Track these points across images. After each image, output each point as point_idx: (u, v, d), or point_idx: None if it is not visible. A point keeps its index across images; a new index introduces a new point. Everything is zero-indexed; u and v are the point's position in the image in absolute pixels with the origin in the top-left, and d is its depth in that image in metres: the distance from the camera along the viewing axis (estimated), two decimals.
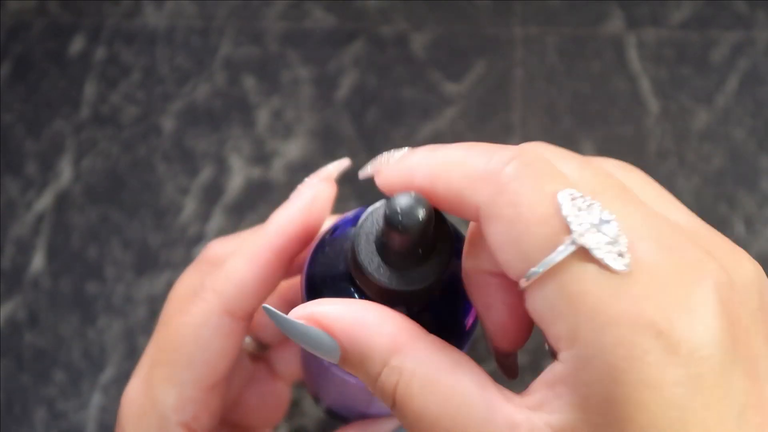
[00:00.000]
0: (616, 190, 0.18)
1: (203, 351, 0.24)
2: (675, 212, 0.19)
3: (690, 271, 0.16)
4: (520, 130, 0.42)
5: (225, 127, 0.42)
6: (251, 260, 0.24)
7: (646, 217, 0.17)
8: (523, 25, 0.43)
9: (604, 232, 0.16)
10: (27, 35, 0.43)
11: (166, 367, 0.25)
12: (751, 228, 0.41)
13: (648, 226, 0.17)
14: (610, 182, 0.18)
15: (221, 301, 0.24)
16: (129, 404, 0.25)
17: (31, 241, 0.41)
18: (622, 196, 0.18)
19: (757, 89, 0.43)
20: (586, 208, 0.16)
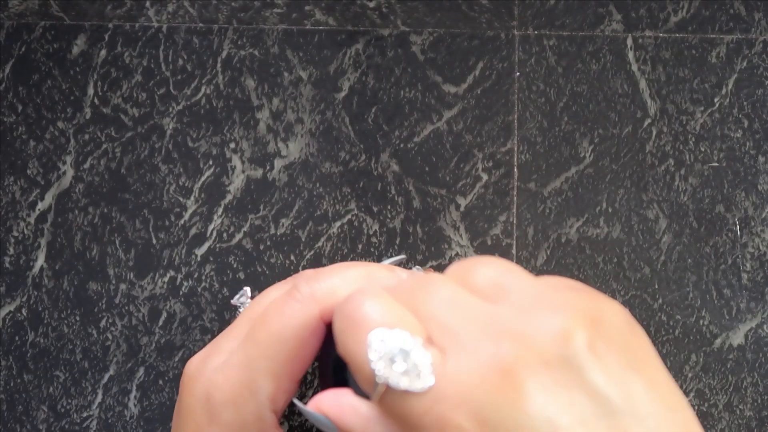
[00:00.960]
0: (444, 302, 0.22)
1: (301, 348, 0.28)
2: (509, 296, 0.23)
3: (488, 362, 0.20)
4: (519, 131, 0.42)
5: (226, 128, 0.42)
6: (355, 286, 0.28)
7: (463, 319, 0.21)
8: (522, 27, 0.43)
9: (402, 363, 0.20)
10: (28, 36, 0.43)
11: (268, 360, 0.28)
12: (748, 229, 0.42)
13: (461, 327, 0.21)
14: (440, 297, 0.23)
15: (320, 308, 0.28)
16: (222, 388, 0.29)
17: (33, 241, 0.41)
18: (449, 304, 0.22)
19: (754, 91, 0.43)
20: (384, 344, 0.21)
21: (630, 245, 0.42)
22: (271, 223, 0.42)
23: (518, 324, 0.20)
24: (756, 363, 0.41)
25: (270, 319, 0.28)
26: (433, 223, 0.41)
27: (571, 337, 0.20)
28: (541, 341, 0.20)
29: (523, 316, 0.21)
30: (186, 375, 0.30)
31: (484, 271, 0.23)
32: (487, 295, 0.22)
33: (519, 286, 0.22)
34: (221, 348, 0.30)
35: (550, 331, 0.20)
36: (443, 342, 0.21)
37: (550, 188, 0.42)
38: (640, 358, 0.20)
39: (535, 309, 0.21)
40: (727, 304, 0.41)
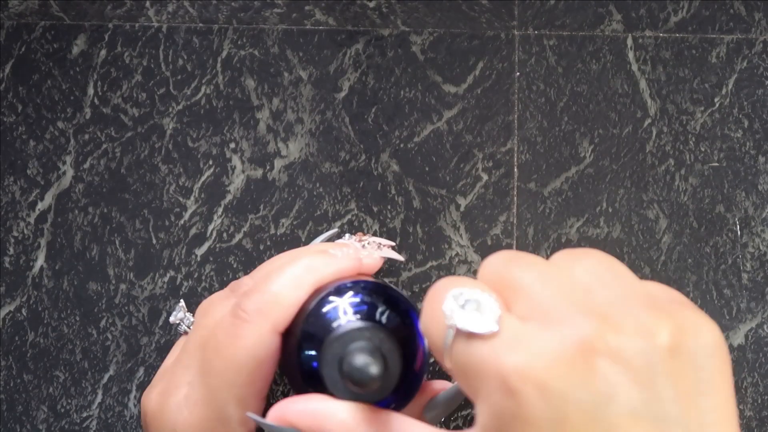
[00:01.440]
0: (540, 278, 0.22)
1: (260, 368, 0.28)
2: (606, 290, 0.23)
3: (556, 329, 0.20)
4: (519, 131, 0.42)
5: (226, 128, 0.42)
6: (299, 287, 0.28)
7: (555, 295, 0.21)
8: (522, 27, 0.43)
9: (473, 310, 0.21)
10: (28, 36, 0.43)
11: (231, 388, 0.27)
12: (748, 229, 0.42)
13: (550, 303, 0.21)
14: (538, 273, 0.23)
15: (270, 322, 0.27)
16: (191, 426, 0.28)
17: (33, 241, 0.41)
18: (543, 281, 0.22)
19: (754, 91, 0.43)
20: (460, 296, 0.21)
21: (630, 245, 0.42)
22: (271, 223, 0.42)
23: (609, 309, 0.21)
24: (756, 363, 0.41)
25: (222, 345, 0.27)
26: (433, 223, 0.41)
27: (655, 334, 0.20)
28: (626, 329, 0.20)
29: (617, 304, 0.21)
30: (148, 414, 0.29)
31: (587, 261, 0.24)
32: (582, 285, 0.22)
33: (620, 282, 0.23)
34: (177, 380, 0.29)
35: (638, 323, 0.20)
36: (529, 311, 0.21)
37: (550, 188, 0.42)
38: (714, 383, 0.20)
39: (629, 303, 0.21)
40: (727, 304, 0.41)
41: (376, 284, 0.30)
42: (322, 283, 0.29)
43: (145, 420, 0.31)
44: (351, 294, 0.28)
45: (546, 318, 0.21)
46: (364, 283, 0.29)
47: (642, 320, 0.20)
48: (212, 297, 0.32)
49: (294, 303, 0.28)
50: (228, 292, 0.32)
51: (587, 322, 0.20)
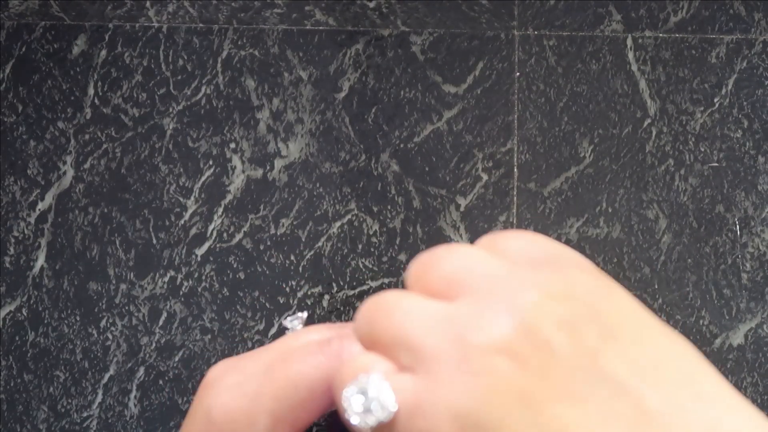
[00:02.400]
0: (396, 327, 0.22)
1: (310, 401, 0.30)
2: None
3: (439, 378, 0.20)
4: (519, 131, 0.42)
5: (226, 128, 0.42)
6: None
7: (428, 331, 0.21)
8: (522, 27, 0.43)
9: (364, 403, 0.21)
10: (29, 36, 0.43)
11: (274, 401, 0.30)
12: (748, 229, 0.42)
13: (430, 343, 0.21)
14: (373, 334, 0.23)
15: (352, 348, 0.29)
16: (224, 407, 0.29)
17: (33, 241, 0.41)
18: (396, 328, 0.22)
19: (754, 91, 0.43)
20: (351, 397, 0.21)
21: (630, 245, 0.42)
22: (271, 223, 0.42)
23: (478, 317, 0.21)
24: (756, 363, 0.41)
25: (292, 361, 0.28)
26: (433, 223, 0.41)
27: (536, 323, 0.20)
28: (506, 331, 0.20)
29: (482, 307, 0.21)
30: (204, 380, 0.31)
31: (438, 267, 0.23)
32: (448, 295, 0.22)
33: (477, 274, 0.22)
34: (244, 367, 0.30)
35: (514, 319, 0.20)
36: (414, 363, 0.21)
37: (550, 188, 0.42)
38: (616, 324, 0.20)
39: (492, 297, 0.21)
40: (727, 304, 0.41)
41: None
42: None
43: (201, 384, 0.32)
44: None
45: (426, 362, 0.21)
46: None
47: (515, 315, 0.20)
48: (324, 324, 0.33)
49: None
50: (336, 327, 0.33)
51: (465, 344, 0.20)
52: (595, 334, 0.19)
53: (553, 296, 0.20)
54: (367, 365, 0.23)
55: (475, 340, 0.20)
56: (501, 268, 0.21)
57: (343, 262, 0.41)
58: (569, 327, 0.19)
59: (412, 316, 0.22)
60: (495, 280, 0.21)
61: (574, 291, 0.20)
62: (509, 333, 0.19)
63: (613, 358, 0.19)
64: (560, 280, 0.20)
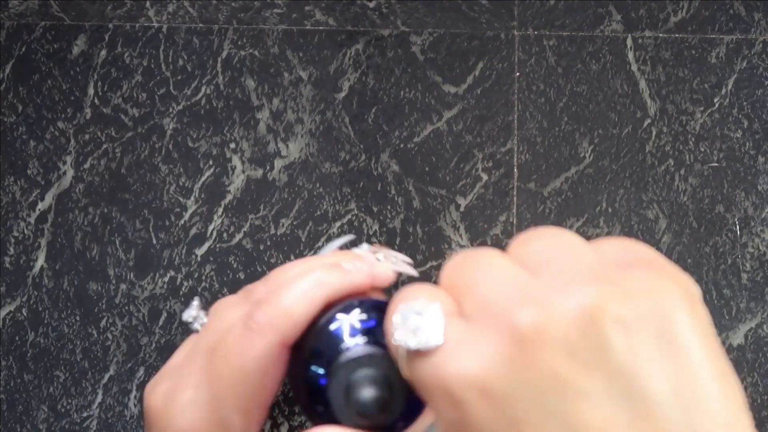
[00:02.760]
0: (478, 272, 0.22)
1: (267, 380, 0.28)
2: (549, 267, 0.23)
3: (494, 325, 0.20)
4: (519, 131, 0.42)
5: (226, 128, 0.42)
6: (310, 302, 0.29)
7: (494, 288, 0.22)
8: (522, 27, 0.43)
9: (414, 323, 0.21)
10: (28, 36, 0.43)
11: (235, 398, 0.28)
12: (748, 229, 0.42)
13: (490, 297, 0.21)
14: (475, 267, 0.23)
15: (279, 335, 0.28)
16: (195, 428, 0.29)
17: (33, 241, 0.41)
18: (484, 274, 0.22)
19: (754, 91, 0.43)
20: (405, 311, 0.22)
21: None
22: (271, 223, 0.42)
23: (548, 294, 0.20)
24: (756, 363, 0.41)
25: (231, 354, 0.28)
26: (433, 223, 0.41)
27: (598, 314, 0.19)
28: (565, 313, 0.19)
29: (557, 286, 0.20)
30: (152, 411, 0.30)
31: (535, 242, 0.23)
32: (532, 268, 0.22)
33: (566, 257, 0.22)
34: (184, 381, 0.30)
35: (577, 304, 0.19)
36: (475, 313, 0.21)
37: (550, 188, 0.42)
38: (680, 345, 0.19)
39: (571, 280, 0.21)
40: (727, 304, 0.41)
41: (385, 303, 0.30)
42: (333, 299, 0.29)
43: (149, 416, 0.31)
44: (359, 312, 0.28)
45: (486, 314, 0.20)
46: (374, 302, 0.29)
47: (581, 300, 0.20)
48: (225, 300, 0.33)
49: (304, 318, 0.28)
50: (241, 297, 0.33)
51: (523, 312, 0.20)
52: (654, 349, 0.19)
53: (628, 297, 0.19)
54: (433, 294, 0.23)
55: (534, 319, 0.20)
56: (591, 259, 0.21)
57: None
58: (631, 333, 0.19)
59: (494, 273, 0.21)
60: (579, 268, 0.21)
61: (650, 300, 0.19)
62: (569, 321, 0.19)
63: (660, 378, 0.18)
64: (640, 286, 0.19)
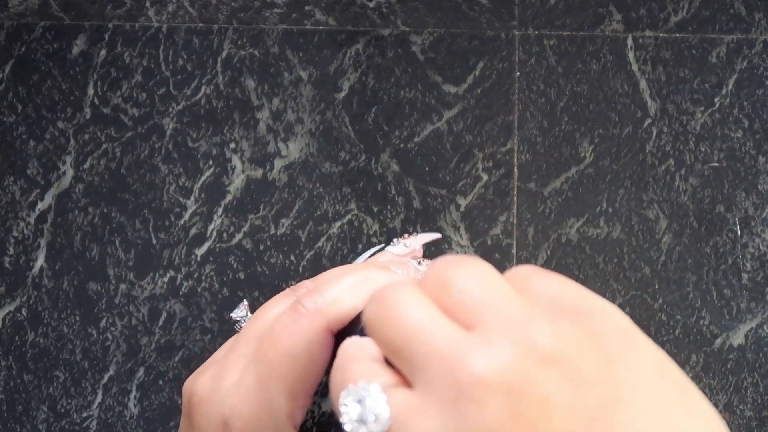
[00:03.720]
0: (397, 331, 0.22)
1: (313, 363, 0.29)
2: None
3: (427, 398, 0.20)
4: (519, 131, 0.42)
5: (226, 128, 0.42)
6: (357, 295, 0.29)
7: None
8: (522, 27, 0.43)
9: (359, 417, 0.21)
10: (28, 36, 0.43)
11: (282, 380, 0.29)
12: (748, 229, 0.42)
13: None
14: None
15: (326, 321, 0.29)
16: (241, 412, 0.29)
17: (33, 241, 0.41)
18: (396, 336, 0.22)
19: (755, 91, 0.43)
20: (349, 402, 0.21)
21: (630, 245, 0.42)
22: (271, 223, 0.42)
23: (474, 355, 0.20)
24: (756, 363, 0.41)
25: (279, 337, 0.28)
26: (433, 223, 0.41)
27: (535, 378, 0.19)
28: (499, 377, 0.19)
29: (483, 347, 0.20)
30: (196, 396, 0.30)
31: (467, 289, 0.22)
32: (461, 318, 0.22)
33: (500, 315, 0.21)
34: (231, 366, 0.30)
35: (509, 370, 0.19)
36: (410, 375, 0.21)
37: (550, 188, 0.42)
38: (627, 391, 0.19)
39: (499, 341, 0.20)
40: (727, 304, 0.41)
41: None
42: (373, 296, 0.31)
43: (191, 403, 0.31)
44: None
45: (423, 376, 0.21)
46: None
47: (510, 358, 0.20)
48: (274, 297, 0.33)
49: (350, 308, 0.29)
50: (288, 293, 0.34)
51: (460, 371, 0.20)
52: (596, 399, 0.18)
53: (563, 348, 0.19)
54: (370, 370, 0.22)
55: (474, 375, 0.19)
56: (523, 309, 0.20)
57: (343, 262, 0.41)
58: (573, 384, 0.19)
59: (422, 331, 0.21)
60: (512, 319, 0.20)
61: (589, 347, 0.19)
62: (509, 376, 0.19)
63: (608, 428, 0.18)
64: (578, 333, 0.19)
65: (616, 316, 0.20)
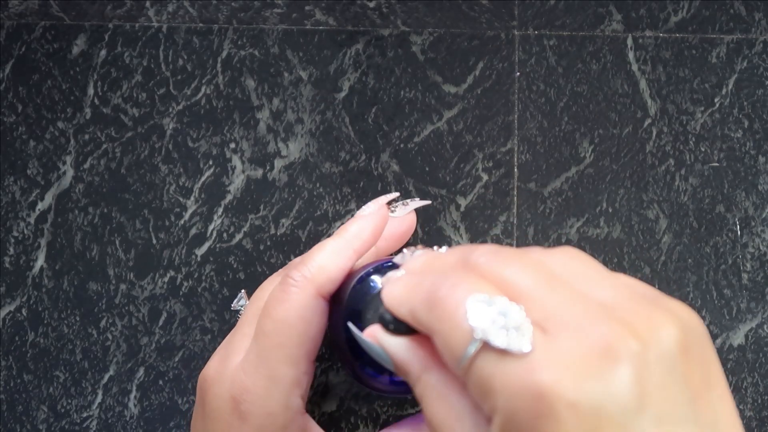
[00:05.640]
0: (545, 283, 0.22)
1: (309, 329, 0.30)
2: (600, 290, 0.22)
3: (596, 347, 0.20)
4: (519, 131, 0.42)
5: (226, 128, 0.42)
6: (339, 255, 0.31)
7: (568, 304, 0.21)
8: (522, 27, 0.43)
9: (503, 323, 0.20)
10: (28, 36, 0.43)
11: (280, 348, 0.29)
12: (748, 229, 0.42)
13: (566, 313, 0.21)
14: (541, 277, 0.22)
15: (315, 286, 0.30)
16: (246, 385, 0.30)
17: (33, 241, 0.41)
18: (550, 288, 0.22)
19: (755, 91, 0.43)
20: (489, 305, 0.21)
21: (630, 245, 0.42)
22: (271, 223, 0.42)
23: (617, 311, 0.20)
24: (756, 363, 0.41)
25: (272, 309, 0.30)
26: (433, 223, 0.41)
27: (668, 335, 0.20)
28: (642, 332, 0.20)
29: (620, 304, 0.21)
30: (207, 379, 0.31)
31: (560, 256, 0.23)
32: (576, 281, 0.22)
33: (602, 277, 0.22)
34: (236, 347, 0.31)
35: (651, 325, 0.20)
36: (543, 320, 0.21)
37: (550, 188, 0.42)
38: (717, 373, 0.21)
39: (630, 302, 0.21)
40: (727, 304, 0.41)
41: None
42: (362, 249, 0.32)
43: (203, 386, 0.32)
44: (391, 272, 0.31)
45: (563, 327, 0.20)
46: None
47: (653, 321, 0.20)
48: (268, 278, 0.35)
49: (336, 269, 0.31)
50: (280, 271, 0.35)
51: (605, 328, 0.20)
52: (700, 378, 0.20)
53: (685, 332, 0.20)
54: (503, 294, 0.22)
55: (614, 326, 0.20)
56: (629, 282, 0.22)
57: None
58: (687, 363, 0.20)
59: (555, 287, 0.21)
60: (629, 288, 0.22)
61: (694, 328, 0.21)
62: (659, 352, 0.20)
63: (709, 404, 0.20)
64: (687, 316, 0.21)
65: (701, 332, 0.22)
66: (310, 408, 0.39)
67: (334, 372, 0.40)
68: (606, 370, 0.19)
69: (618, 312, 0.20)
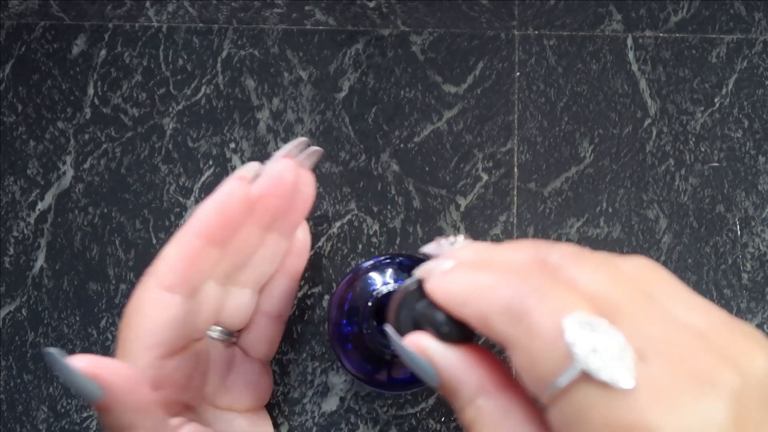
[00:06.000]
0: (637, 301, 0.20)
1: (145, 322, 0.29)
2: (691, 313, 0.21)
3: (697, 380, 0.18)
4: (519, 131, 0.42)
5: (226, 128, 0.42)
6: (179, 243, 0.30)
7: (662, 328, 0.19)
8: (522, 27, 0.43)
9: (606, 352, 0.18)
10: (28, 36, 0.43)
11: (122, 343, 0.29)
12: (748, 229, 0.42)
13: (662, 338, 0.19)
14: (631, 294, 0.20)
15: (155, 278, 0.29)
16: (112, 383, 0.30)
17: (33, 241, 0.41)
18: (642, 307, 0.20)
19: (754, 91, 0.43)
20: (590, 329, 0.18)
21: (630, 245, 0.42)
22: None
23: (713, 340, 0.19)
24: None
25: (125, 310, 0.30)
26: (433, 223, 0.41)
27: (763, 367, 0.19)
28: (742, 364, 0.19)
29: (714, 330, 0.20)
30: None
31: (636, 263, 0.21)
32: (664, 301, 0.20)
33: (686, 296, 0.21)
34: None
35: (742, 354, 0.19)
36: (642, 347, 0.19)
37: (550, 188, 0.42)
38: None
39: (722, 328, 0.20)
40: (727, 304, 0.41)
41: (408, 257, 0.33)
42: (207, 232, 0.30)
43: None
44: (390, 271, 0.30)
45: (661, 356, 0.19)
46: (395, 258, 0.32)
47: (748, 352, 0.19)
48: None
49: (174, 257, 0.30)
50: None
51: (707, 361, 0.19)
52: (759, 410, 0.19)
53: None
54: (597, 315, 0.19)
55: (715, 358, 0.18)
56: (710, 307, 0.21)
57: (343, 262, 0.41)
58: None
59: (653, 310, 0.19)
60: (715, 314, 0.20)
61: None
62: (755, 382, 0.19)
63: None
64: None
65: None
66: (311, 408, 0.39)
67: (334, 372, 0.40)
68: (708, 405, 0.18)
69: (715, 341, 0.19)
